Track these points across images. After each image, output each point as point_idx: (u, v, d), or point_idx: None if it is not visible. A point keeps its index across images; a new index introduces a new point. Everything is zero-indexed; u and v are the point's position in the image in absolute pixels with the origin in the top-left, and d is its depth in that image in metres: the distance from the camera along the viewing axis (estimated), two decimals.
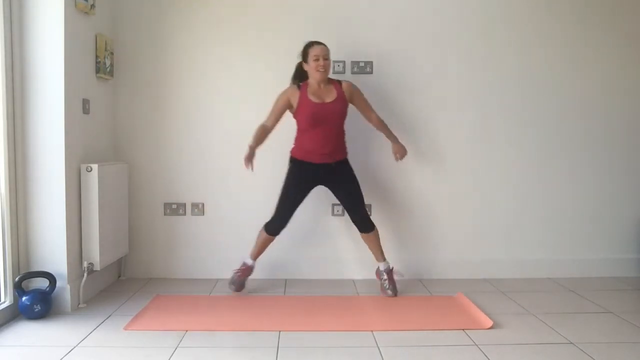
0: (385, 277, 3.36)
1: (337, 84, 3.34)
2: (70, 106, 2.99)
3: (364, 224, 3.35)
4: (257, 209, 3.71)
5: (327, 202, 3.69)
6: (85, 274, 3.10)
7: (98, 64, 3.35)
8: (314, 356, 2.43)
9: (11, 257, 2.89)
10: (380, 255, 3.40)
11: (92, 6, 3.20)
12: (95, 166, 3.10)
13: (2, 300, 2.87)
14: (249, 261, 3.41)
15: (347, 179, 3.35)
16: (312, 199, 3.69)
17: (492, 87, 3.74)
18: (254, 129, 3.26)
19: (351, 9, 3.67)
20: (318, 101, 3.25)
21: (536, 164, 3.79)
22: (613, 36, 3.76)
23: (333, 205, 3.71)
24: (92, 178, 3.09)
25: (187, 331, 2.70)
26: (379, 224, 3.44)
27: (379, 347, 2.52)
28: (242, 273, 3.39)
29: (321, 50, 3.25)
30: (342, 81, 3.37)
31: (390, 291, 3.32)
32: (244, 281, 3.41)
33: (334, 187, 3.37)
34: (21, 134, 2.92)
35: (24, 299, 2.83)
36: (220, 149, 3.70)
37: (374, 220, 3.41)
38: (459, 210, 3.78)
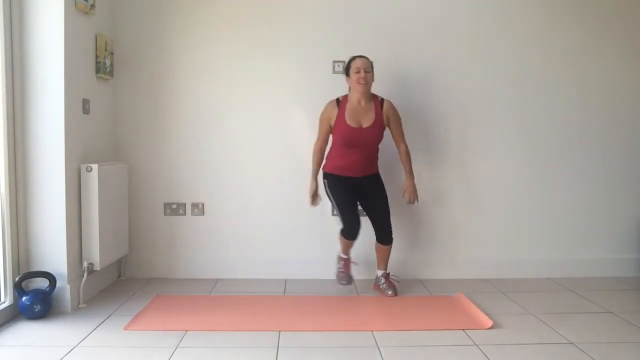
0: (383, 281, 3.38)
1: (379, 102, 3.28)
2: (70, 106, 2.99)
3: (386, 237, 3.37)
4: (257, 209, 3.72)
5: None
6: (85, 274, 3.10)
7: (98, 64, 3.34)
8: (314, 356, 2.43)
9: (11, 257, 2.89)
10: (384, 265, 3.42)
11: (92, 6, 3.20)
12: (95, 166, 3.09)
13: (2, 300, 2.87)
14: (343, 255, 3.45)
15: (376, 192, 3.36)
16: None
17: (490, 88, 3.74)
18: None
19: (352, 9, 3.67)
20: (355, 125, 3.21)
21: (536, 164, 3.79)
22: (612, 37, 3.78)
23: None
24: (92, 178, 3.09)
25: (187, 331, 2.70)
26: None
27: (379, 347, 2.52)
28: (345, 267, 3.44)
29: (362, 62, 3.21)
30: (384, 100, 3.31)
31: (390, 291, 3.32)
32: (350, 273, 3.46)
33: (362, 198, 3.38)
34: (21, 134, 2.92)
35: (24, 299, 2.83)
36: (221, 149, 3.70)
37: None
38: (459, 210, 3.78)
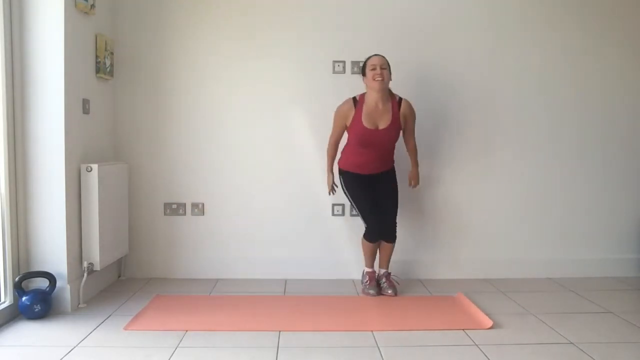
0: (383, 280, 3.39)
1: (397, 102, 3.25)
2: (70, 106, 2.99)
3: (389, 233, 3.37)
4: (257, 209, 3.72)
5: (327, 202, 3.69)
6: (85, 274, 3.10)
7: (98, 64, 3.34)
8: (314, 356, 2.43)
9: (11, 257, 2.89)
10: (386, 263, 3.43)
11: (92, 6, 3.20)
12: (95, 166, 3.09)
13: (2, 300, 2.87)
14: (367, 269, 3.42)
15: (387, 189, 3.38)
16: (312, 199, 3.70)
17: (489, 89, 3.74)
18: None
19: (352, 9, 3.67)
20: (371, 127, 3.19)
21: (536, 164, 3.79)
22: (612, 37, 3.78)
23: (333, 205, 3.71)
24: (92, 178, 3.09)
25: (187, 331, 2.70)
26: None
27: (379, 347, 2.52)
28: (370, 280, 3.38)
29: (378, 59, 3.21)
30: (403, 100, 3.28)
31: (391, 290, 3.33)
32: (376, 284, 3.38)
33: (373, 191, 3.37)
34: (21, 134, 2.92)
35: (24, 299, 2.83)
36: (221, 149, 3.70)
37: None
38: (459, 210, 3.78)
